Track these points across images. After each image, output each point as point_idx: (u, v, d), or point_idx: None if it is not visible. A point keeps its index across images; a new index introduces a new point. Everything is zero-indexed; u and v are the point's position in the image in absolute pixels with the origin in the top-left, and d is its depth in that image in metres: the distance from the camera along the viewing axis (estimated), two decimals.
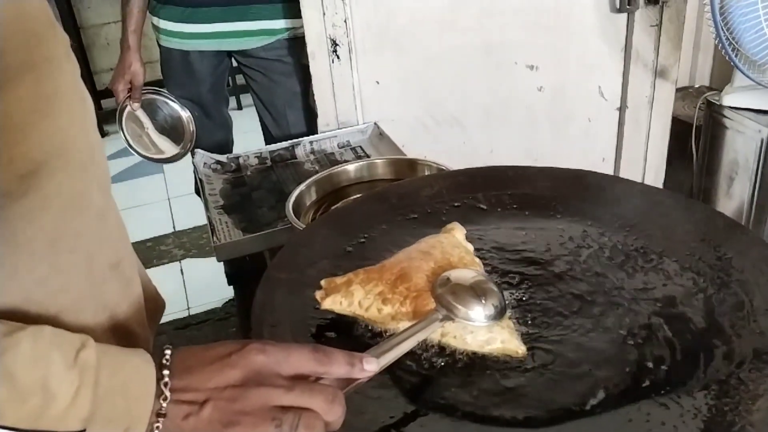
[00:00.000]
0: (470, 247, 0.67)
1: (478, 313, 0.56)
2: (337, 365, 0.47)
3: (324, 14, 1.38)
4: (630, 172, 1.81)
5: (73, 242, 0.47)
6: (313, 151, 1.40)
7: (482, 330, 0.57)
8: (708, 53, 2.17)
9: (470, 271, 0.61)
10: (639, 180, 1.78)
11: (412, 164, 1.12)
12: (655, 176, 1.85)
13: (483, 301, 0.57)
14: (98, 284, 0.51)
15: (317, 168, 1.32)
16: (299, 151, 1.40)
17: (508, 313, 0.60)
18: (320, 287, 0.62)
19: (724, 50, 1.50)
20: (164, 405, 0.43)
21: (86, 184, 0.50)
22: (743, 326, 0.58)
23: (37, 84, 0.45)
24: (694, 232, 0.71)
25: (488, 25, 1.52)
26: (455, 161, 1.04)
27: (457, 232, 0.69)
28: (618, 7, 1.59)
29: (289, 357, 0.46)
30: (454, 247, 0.65)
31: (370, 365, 0.48)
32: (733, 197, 1.75)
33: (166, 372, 0.44)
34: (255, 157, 1.38)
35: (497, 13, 1.52)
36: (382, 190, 0.88)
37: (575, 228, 0.74)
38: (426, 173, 1.08)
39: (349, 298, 0.60)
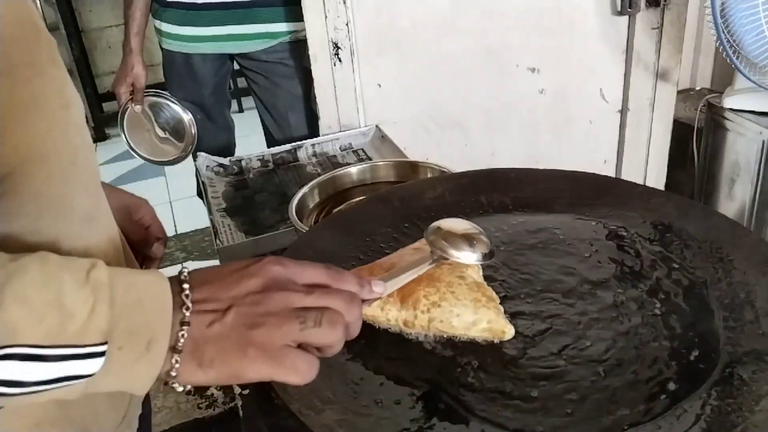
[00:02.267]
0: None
1: (469, 254, 0.60)
2: (349, 283, 0.49)
3: (326, 17, 1.38)
4: (632, 174, 1.81)
5: (52, 247, 0.47)
6: (315, 154, 1.40)
7: (468, 311, 0.58)
8: (709, 55, 2.17)
9: (460, 221, 0.64)
10: (641, 182, 1.78)
11: (414, 167, 1.12)
12: (656, 178, 1.85)
13: (473, 246, 0.60)
14: None
15: (319, 170, 1.32)
16: (301, 154, 1.40)
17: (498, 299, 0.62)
18: None
19: (725, 52, 1.50)
20: (187, 314, 0.44)
21: (69, 188, 0.50)
22: (746, 327, 0.59)
23: (12, 89, 0.45)
24: (696, 233, 0.71)
25: (490, 28, 1.53)
26: (457, 164, 1.04)
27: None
28: (619, 9, 1.60)
29: (304, 270, 0.48)
30: None
31: (378, 287, 0.52)
32: (735, 199, 1.75)
33: (186, 285, 0.45)
34: (257, 159, 1.38)
35: (499, 16, 1.52)
36: (385, 192, 0.88)
37: (576, 230, 0.74)
38: (428, 176, 1.08)
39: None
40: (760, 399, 0.51)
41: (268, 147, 1.52)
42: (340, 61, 1.43)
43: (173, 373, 0.43)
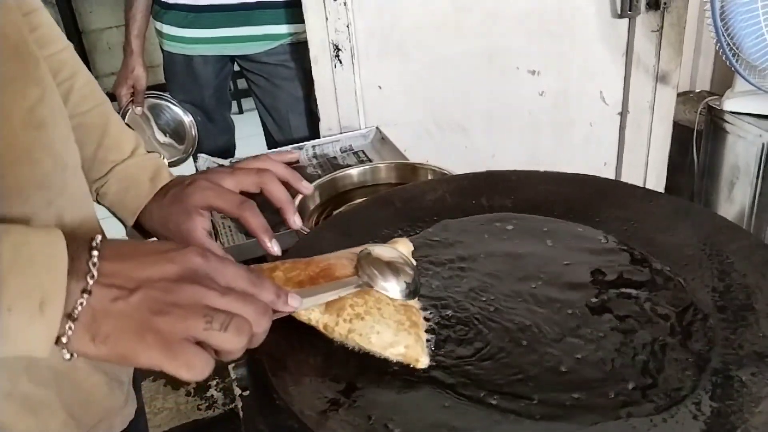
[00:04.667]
0: (412, 261, 0.66)
1: (394, 286, 0.59)
2: (267, 291, 0.48)
3: (327, 19, 1.38)
4: (632, 176, 1.81)
5: None
6: (315, 156, 1.40)
7: (389, 332, 0.57)
8: (709, 58, 2.18)
9: (391, 249, 0.63)
10: (640, 184, 1.78)
11: (415, 169, 1.12)
12: (656, 180, 1.85)
13: (397, 278, 0.60)
14: None
15: (320, 172, 1.33)
16: (302, 156, 1.40)
17: (422, 314, 0.61)
18: None
19: (724, 55, 1.50)
20: (90, 283, 0.42)
21: (29, 211, 0.50)
22: (746, 329, 0.59)
23: None
24: (696, 236, 0.71)
25: (490, 31, 1.53)
26: (458, 166, 1.04)
27: (402, 245, 0.68)
28: (619, 12, 1.60)
29: (225, 269, 0.47)
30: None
31: (294, 301, 0.51)
32: (734, 202, 1.75)
33: (95, 252, 0.43)
34: None
35: (500, 18, 1.52)
36: (386, 194, 0.88)
37: (576, 232, 0.74)
38: (429, 178, 1.08)
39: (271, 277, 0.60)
40: (759, 401, 0.51)
41: (269, 148, 1.52)
42: (340, 63, 1.43)
43: (64, 340, 0.41)
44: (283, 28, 1.61)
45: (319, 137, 1.47)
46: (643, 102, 1.73)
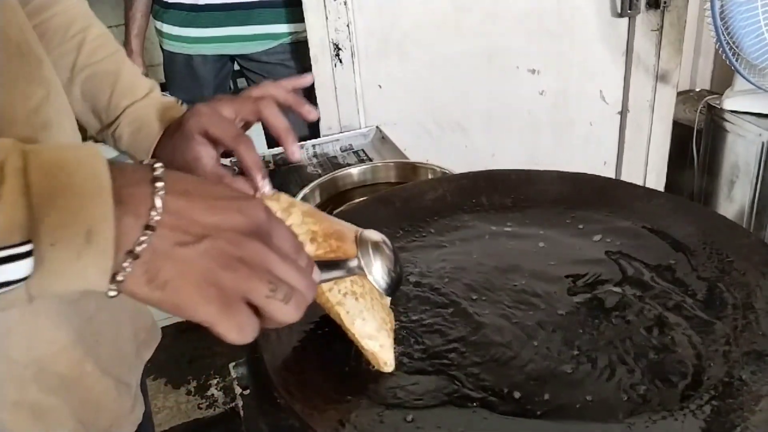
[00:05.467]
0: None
1: (385, 281, 0.56)
2: (303, 259, 0.45)
3: (327, 19, 1.38)
4: (631, 175, 1.82)
5: None
6: (315, 155, 1.40)
7: (373, 325, 0.57)
8: (709, 57, 2.18)
9: (385, 242, 0.59)
10: (640, 183, 1.78)
11: (415, 168, 1.13)
12: (656, 180, 1.85)
13: (389, 275, 0.56)
14: None
15: (320, 171, 1.33)
16: (302, 155, 1.40)
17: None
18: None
19: (724, 54, 1.50)
20: (155, 218, 0.37)
21: None
22: (745, 328, 0.59)
23: None
24: (696, 235, 0.71)
25: (490, 30, 1.53)
26: (457, 165, 1.05)
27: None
28: (619, 11, 1.60)
29: (281, 229, 0.44)
30: None
31: (316, 275, 0.47)
32: (734, 201, 1.76)
33: (159, 185, 0.38)
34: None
35: (499, 18, 1.52)
36: (387, 193, 0.89)
37: (576, 231, 0.75)
38: (429, 177, 1.09)
39: (285, 215, 0.58)
40: (759, 399, 0.52)
41: (269, 147, 1.52)
42: (340, 62, 1.43)
43: (120, 278, 0.37)
44: (282, 27, 1.61)
45: (319, 136, 1.47)
46: (643, 101, 1.73)
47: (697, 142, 1.84)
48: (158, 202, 0.37)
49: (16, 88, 0.49)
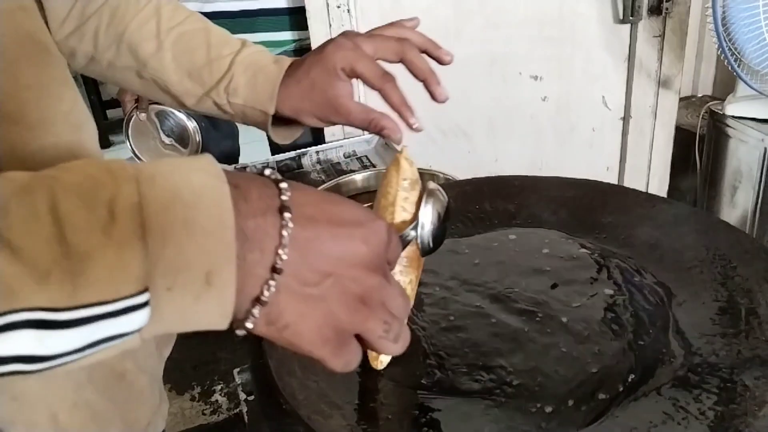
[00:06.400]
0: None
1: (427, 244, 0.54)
2: (406, 305, 0.42)
3: (330, 26, 1.39)
4: (634, 181, 1.82)
5: None
6: (319, 161, 1.41)
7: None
8: (711, 63, 2.18)
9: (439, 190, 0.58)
10: (643, 189, 1.78)
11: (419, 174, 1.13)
12: (659, 185, 1.85)
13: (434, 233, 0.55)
14: None
15: (324, 178, 1.33)
16: (305, 161, 1.41)
17: None
18: None
19: (726, 60, 1.51)
20: (283, 259, 0.34)
21: None
22: (749, 334, 0.59)
23: (22, 111, 0.44)
24: (698, 241, 0.71)
25: (493, 37, 1.54)
26: (460, 171, 1.05)
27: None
28: (621, 17, 1.61)
29: (398, 247, 0.42)
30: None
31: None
32: (737, 206, 1.76)
33: (287, 215, 0.34)
34: (262, 166, 1.39)
35: (502, 24, 1.53)
36: None
37: (579, 237, 0.75)
38: None
39: (413, 194, 0.59)
40: (763, 405, 0.52)
41: (272, 154, 1.53)
42: None
43: (249, 325, 0.34)
44: (286, 35, 1.61)
45: (322, 143, 1.47)
46: (646, 107, 1.74)
47: (699, 147, 1.84)
48: (286, 238, 0.34)
49: (50, 90, 0.49)
